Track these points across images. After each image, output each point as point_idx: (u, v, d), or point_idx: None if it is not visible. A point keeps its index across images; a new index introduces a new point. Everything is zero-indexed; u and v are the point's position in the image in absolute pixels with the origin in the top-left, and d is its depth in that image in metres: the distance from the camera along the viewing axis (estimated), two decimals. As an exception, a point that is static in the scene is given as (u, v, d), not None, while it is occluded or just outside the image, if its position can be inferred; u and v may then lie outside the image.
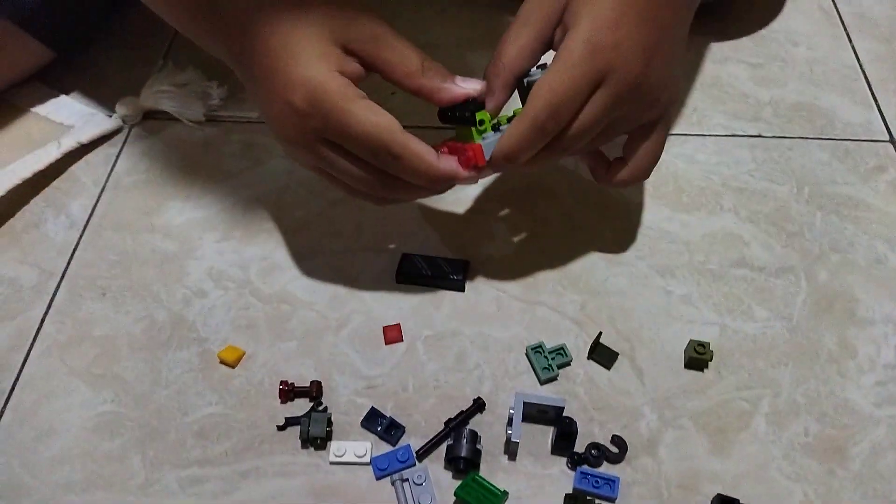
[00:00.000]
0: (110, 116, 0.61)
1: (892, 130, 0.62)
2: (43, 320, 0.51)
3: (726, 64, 0.67)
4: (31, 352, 0.49)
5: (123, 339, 0.50)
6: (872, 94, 0.65)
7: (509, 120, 0.44)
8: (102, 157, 0.60)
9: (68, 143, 0.59)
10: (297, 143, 0.43)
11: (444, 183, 0.44)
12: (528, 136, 0.41)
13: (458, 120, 0.44)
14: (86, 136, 0.60)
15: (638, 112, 0.44)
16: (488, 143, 0.43)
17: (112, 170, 0.59)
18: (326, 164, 0.43)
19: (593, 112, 0.42)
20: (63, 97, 0.63)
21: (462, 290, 0.52)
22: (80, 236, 0.55)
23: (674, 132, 0.61)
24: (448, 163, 0.43)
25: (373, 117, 0.41)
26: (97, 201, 0.57)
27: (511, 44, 0.44)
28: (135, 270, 0.53)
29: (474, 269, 0.53)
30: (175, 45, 0.68)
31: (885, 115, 0.63)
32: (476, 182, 0.47)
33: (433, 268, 0.52)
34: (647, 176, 0.48)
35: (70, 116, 0.61)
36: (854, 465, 0.45)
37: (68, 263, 0.54)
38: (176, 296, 0.52)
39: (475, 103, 0.44)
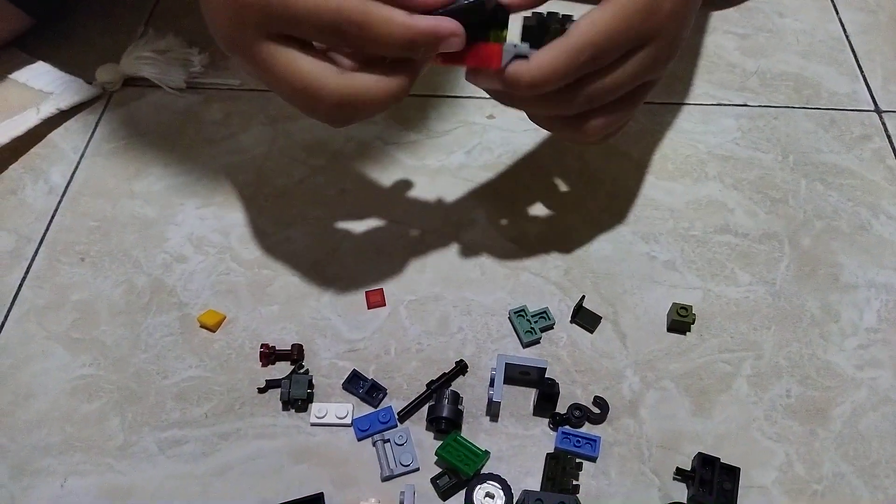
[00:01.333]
0: (90, 83, 0.61)
1: (877, 100, 0.62)
2: (21, 285, 0.50)
3: (713, 34, 0.67)
4: (9, 316, 0.49)
5: (102, 304, 0.49)
6: (858, 65, 0.65)
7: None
8: (82, 123, 0.59)
9: (47, 109, 0.58)
10: (239, 48, 0.37)
11: (427, 43, 0.36)
12: (562, 65, 0.37)
13: (480, 17, 0.37)
14: (65, 103, 0.59)
15: (657, 76, 0.42)
16: (509, 51, 0.38)
17: (91, 136, 0.58)
18: (266, 71, 0.37)
19: (633, 70, 0.39)
20: (42, 64, 0.62)
21: None
22: (59, 202, 0.54)
23: (660, 101, 0.61)
24: (425, 20, 0.36)
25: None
26: (76, 168, 0.56)
27: None
28: (114, 236, 0.52)
29: (459, 235, 0.53)
30: (156, 12, 0.67)
31: (870, 85, 0.63)
32: (457, 65, 0.39)
33: None
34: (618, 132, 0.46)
35: (49, 83, 0.61)
36: (835, 426, 0.45)
37: (47, 229, 0.53)
38: (156, 261, 0.51)
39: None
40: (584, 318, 0.48)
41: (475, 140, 0.58)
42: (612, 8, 0.38)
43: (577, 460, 0.42)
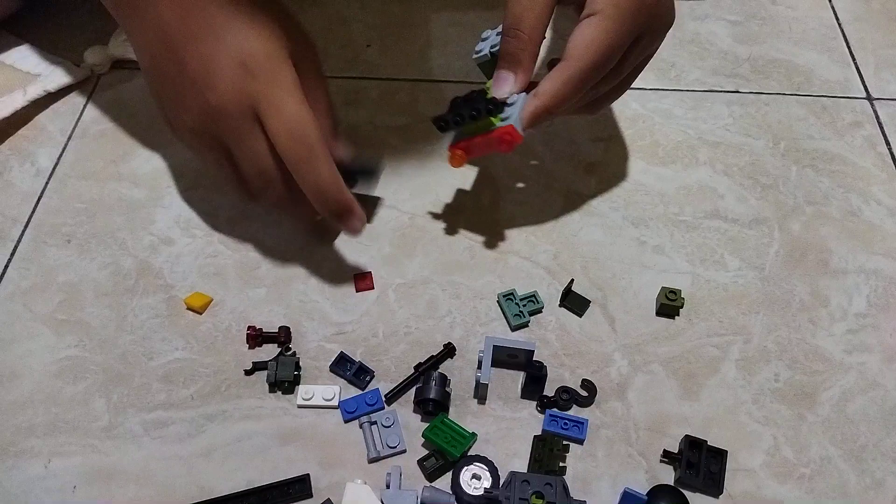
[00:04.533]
0: (78, 65, 0.60)
1: (868, 88, 0.62)
2: (7, 266, 0.50)
3: (706, 21, 0.67)
4: (-6, 298, 0.48)
5: (88, 286, 0.49)
6: (850, 53, 0.65)
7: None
8: (70, 106, 0.59)
9: (34, 91, 0.57)
10: (219, 107, 0.42)
11: (336, 208, 0.44)
12: (570, 89, 0.41)
13: (472, 117, 0.43)
14: (53, 85, 0.58)
15: (654, 51, 0.46)
16: (515, 118, 0.43)
17: (79, 119, 0.58)
18: (239, 141, 0.43)
19: (634, 59, 0.43)
20: (29, 46, 0.61)
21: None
22: (46, 184, 0.54)
23: (652, 87, 0.61)
24: (350, 196, 0.44)
25: (308, 109, 0.42)
26: (63, 150, 0.56)
27: (529, 10, 0.42)
28: (101, 218, 0.52)
29: (448, 218, 0.52)
30: (146, -4, 0.66)
31: (862, 73, 0.63)
32: (359, 232, 0.46)
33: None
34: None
35: (37, 65, 0.60)
36: (823, 410, 0.45)
37: (33, 211, 0.53)
38: (142, 243, 0.51)
39: (476, 94, 0.43)
40: (573, 302, 0.48)
41: (466, 125, 0.58)
42: (604, 24, 0.40)
43: (565, 442, 0.42)
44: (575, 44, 0.41)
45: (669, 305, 0.47)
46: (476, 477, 0.41)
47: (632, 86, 0.48)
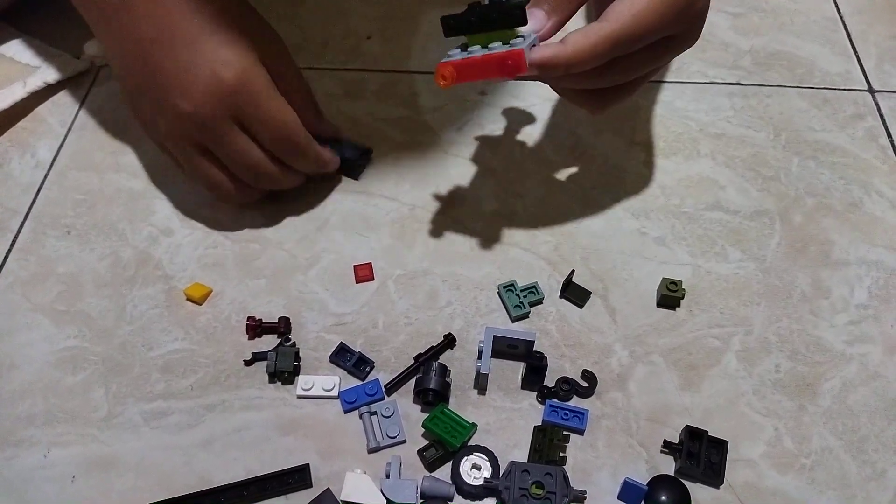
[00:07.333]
0: (78, 58, 0.60)
1: (870, 80, 0.62)
2: (6, 257, 0.50)
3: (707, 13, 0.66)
4: (-7, 288, 0.48)
5: (88, 277, 0.49)
6: (852, 45, 0.64)
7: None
8: (69, 98, 0.59)
9: (34, 83, 0.57)
10: (195, 114, 0.44)
11: (328, 173, 0.51)
12: (599, 50, 0.38)
13: (487, 23, 0.38)
14: (52, 77, 0.58)
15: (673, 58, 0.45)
16: (527, 46, 0.37)
17: (79, 110, 0.58)
18: (222, 144, 0.45)
19: (660, 56, 0.42)
20: (29, 38, 0.61)
21: None
22: (46, 175, 0.54)
23: (653, 79, 0.61)
24: (335, 159, 0.51)
25: (290, 112, 0.46)
26: (63, 141, 0.56)
27: None
28: (100, 209, 0.52)
29: (449, 210, 0.52)
30: (146, -12, 0.66)
31: (864, 65, 0.63)
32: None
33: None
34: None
35: (36, 57, 0.60)
36: (824, 401, 0.44)
37: (33, 202, 0.52)
38: (142, 234, 0.51)
39: (499, 2, 0.38)
40: (574, 293, 0.48)
41: (466, 116, 0.58)
42: (653, 2, 0.39)
43: (565, 433, 0.42)
44: (617, 9, 0.39)
45: (670, 296, 0.47)
46: (476, 467, 0.41)
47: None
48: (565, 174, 0.54)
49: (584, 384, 0.44)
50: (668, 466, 0.42)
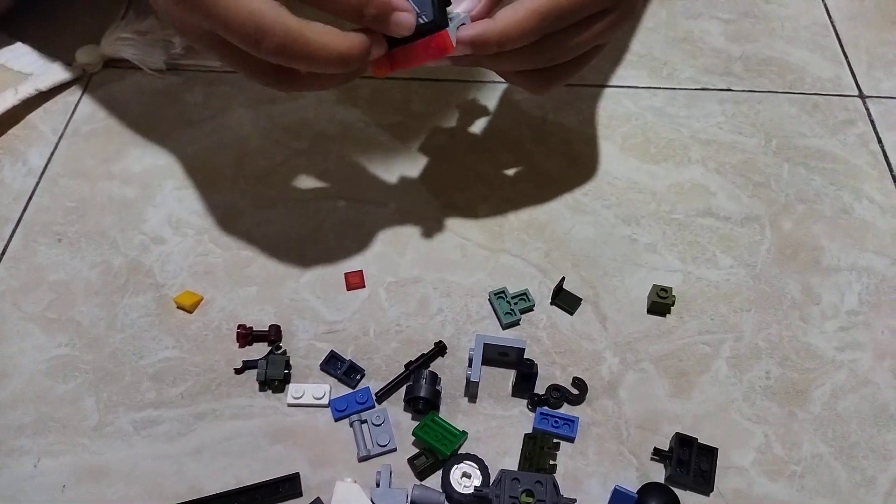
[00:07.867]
0: (70, 65, 0.60)
1: (861, 86, 0.62)
2: (-4, 266, 0.50)
3: (698, 19, 0.67)
4: (-16, 297, 0.48)
5: (79, 285, 0.49)
6: (843, 51, 0.65)
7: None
8: (61, 105, 0.59)
9: (25, 90, 0.57)
10: (186, 35, 0.38)
11: (356, 62, 0.37)
12: (529, 25, 0.38)
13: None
14: (44, 84, 0.58)
15: (610, 40, 0.44)
16: (451, 31, 0.38)
17: (71, 118, 0.58)
18: (219, 57, 0.38)
19: (594, 33, 0.41)
20: (21, 45, 0.61)
21: None
22: (37, 183, 0.54)
23: (644, 85, 0.61)
24: (353, 38, 0.37)
25: (249, 3, 0.35)
26: (55, 149, 0.56)
27: None
28: (91, 217, 0.52)
29: (440, 216, 0.52)
30: (138, -5, 0.66)
31: (854, 71, 0.63)
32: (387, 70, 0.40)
33: None
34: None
35: (28, 64, 0.60)
36: (815, 407, 0.45)
37: (24, 209, 0.52)
38: (133, 242, 0.51)
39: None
40: (565, 300, 0.48)
41: (458, 122, 0.58)
42: None
43: (555, 440, 0.42)
44: None
45: (661, 303, 0.47)
46: (466, 475, 0.41)
47: (625, 83, 0.48)
48: (556, 180, 0.54)
49: (575, 391, 0.44)
50: (658, 474, 0.42)
